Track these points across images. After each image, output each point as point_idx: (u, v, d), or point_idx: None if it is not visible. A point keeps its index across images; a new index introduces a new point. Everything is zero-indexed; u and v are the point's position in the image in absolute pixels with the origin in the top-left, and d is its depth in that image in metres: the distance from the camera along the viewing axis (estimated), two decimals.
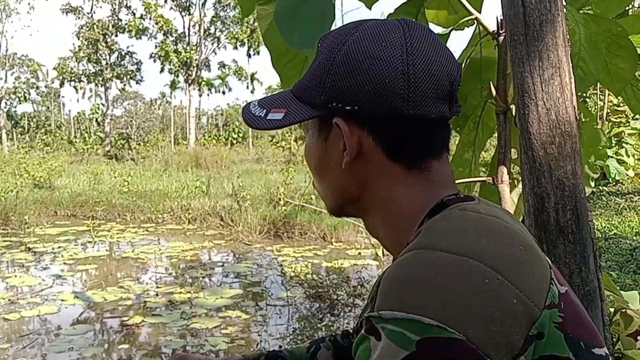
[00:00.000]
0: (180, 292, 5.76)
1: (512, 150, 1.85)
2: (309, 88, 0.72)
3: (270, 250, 7.93)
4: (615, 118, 10.85)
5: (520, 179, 2.05)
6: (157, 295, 5.68)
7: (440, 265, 0.60)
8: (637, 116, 10.69)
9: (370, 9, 2.06)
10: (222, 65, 44.44)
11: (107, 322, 4.90)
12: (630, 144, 10.61)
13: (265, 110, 0.74)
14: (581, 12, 1.82)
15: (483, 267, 0.59)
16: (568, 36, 1.48)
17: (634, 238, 6.82)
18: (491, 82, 1.76)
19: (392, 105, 0.68)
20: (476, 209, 0.73)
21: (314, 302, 5.08)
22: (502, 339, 0.57)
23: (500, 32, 1.79)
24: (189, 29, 38.86)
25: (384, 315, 0.58)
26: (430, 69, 0.69)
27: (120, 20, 37.76)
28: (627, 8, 2.13)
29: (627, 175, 10.89)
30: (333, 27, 1.63)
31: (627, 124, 10.58)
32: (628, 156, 10.41)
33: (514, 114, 2.08)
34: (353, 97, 0.69)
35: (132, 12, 38.46)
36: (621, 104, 10.49)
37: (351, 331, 1.11)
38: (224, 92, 58.31)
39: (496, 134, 1.86)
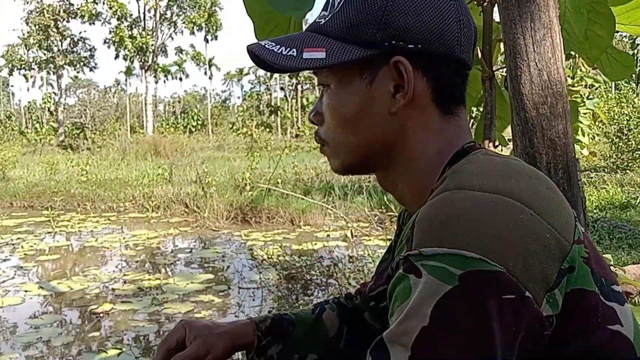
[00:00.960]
0: (149, 279, 5.66)
1: None
2: (356, 26, 0.68)
3: (238, 235, 7.87)
4: (571, 98, 11.18)
5: (503, 144, 2.08)
6: (125, 282, 5.57)
7: (475, 202, 0.60)
8: (592, 96, 11.05)
9: None
10: (179, 50, 43.52)
11: (75, 311, 4.77)
12: (585, 124, 10.98)
13: (294, 50, 0.69)
14: None
15: (516, 203, 0.60)
16: None
17: (594, 211, 7.10)
18: (478, 48, 1.77)
19: (448, 46, 0.69)
20: (497, 154, 0.75)
21: (287, 284, 5.08)
22: (538, 272, 0.58)
23: None
24: (144, 13, 37.83)
25: (424, 252, 0.58)
26: (469, 17, 0.71)
27: (72, 4, 36.40)
28: None
29: (582, 154, 11.29)
30: None
31: (582, 104, 10.92)
32: (583, 135, 10.77)
33: (497, 80, 2.09)
34: (416, 35, 0.67)
35: None
36: (576, 84, 10.83)
37: (352, 293, 1.10)
38: (181, 79, 57.14)
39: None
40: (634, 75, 24.04)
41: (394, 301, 0.61)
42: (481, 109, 1.96)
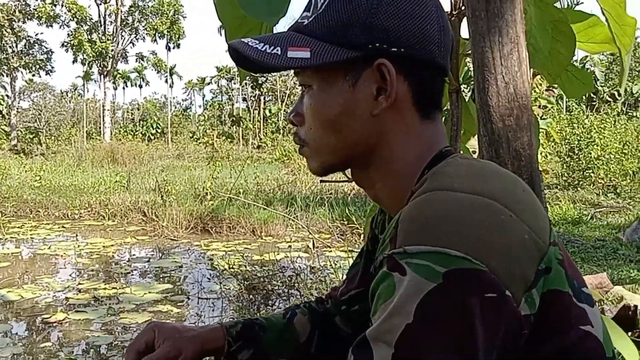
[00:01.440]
0: (104, 288, 5.49)
1: None
2: (340, 27, 0.69)
3: (198, 245, 7.75)
4: None
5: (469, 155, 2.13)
6: (79, 291, 5.38)
7: (458, 203, 0.61)
8: (545, 116, 11.46)
9: None
10: (140, 57, 42.79)
11: (27, 321, 4.57)
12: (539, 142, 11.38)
13: (278, 48, 0.69)
14: None
15: (496, 204, 0.62)
16: (524, 14, 1.56)
17: None
18: None
19: (430, 51, 0.70)
20: (474, 158, 0.77)
21: (248, 294, 5.02)
22: (518, 272, 0.60)
23: (454, 12, 1.85)
24: (104, 17, 37.07)
25: (409, 250, 0.59)
26: (448, 25, 0.73)
27: (29, 5, 35.32)
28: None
29: None
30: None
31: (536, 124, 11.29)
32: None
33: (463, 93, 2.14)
34: (399, 39, 0.68)
35: None
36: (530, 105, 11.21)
37: (323, 298, 1.11)
38: (140, 86, 56.17)
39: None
40: (584, 97, 25.06)
41: (377, 299, 0.61)
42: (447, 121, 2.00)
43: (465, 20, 2.01)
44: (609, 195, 10.29)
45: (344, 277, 1.08)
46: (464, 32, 1.70)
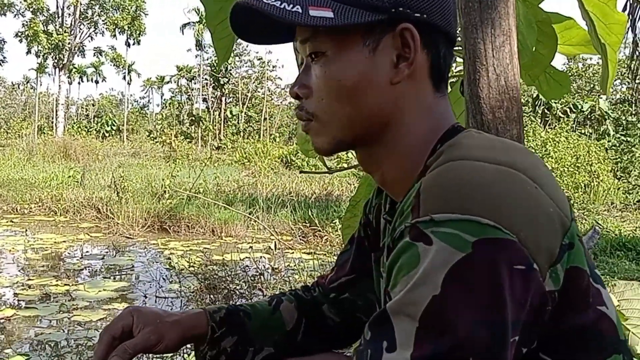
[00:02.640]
0: (56, 285, 5.26)
1: None
2: None
3: (155, 243, 7.54)
4: None
5: None
6: (29, 287, 5.14)
7: (484, 171, 0.58)
8: None
9: None
10: (98, 51, 41.67)
11: None
12: None
13: (298, 7, 0.65)
14: None
15: (521, 175, 0.59)
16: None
17: None
18: None
19: (447, 20, 0.68)
20: (488, 134, 0.75)
21: (208, 294, 4.90)
22: (545, 245, 0.57)
23: None
24: (62, 9, 35.94)
25: (437, 218, 0.55)
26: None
27: None
28: None
29: None
30: None
31: None
32: None
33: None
34: (422, 4, 0.66)
35: None
36: None
37: (310, 286, 1.06)
38: (97, 82, 54.68)
39: None
40: (539, 112, 25.93)
41: (397, 271, 0.57)
42: None
43: None
44: None
45: (316, 275, 1.03)
46: None
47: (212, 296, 4.85)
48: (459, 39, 1.72)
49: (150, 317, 0.86)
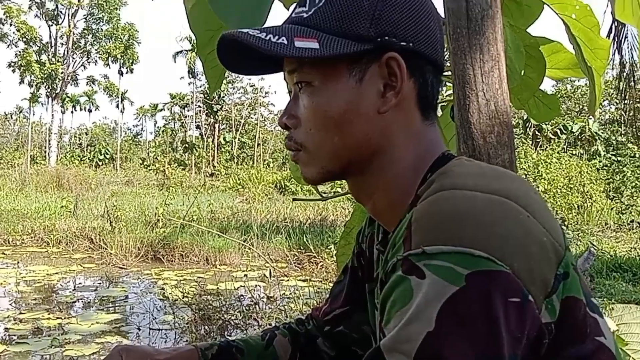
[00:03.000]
0: (48, 318, 5.18)
1: None
2: (347, 19, 0.64)
3: (148, 273, 7.46)
4: None
5: None
6: (20, 322, 5.05)
7: (475, 201, 0.58)
8: None
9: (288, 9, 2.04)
10: (91, 80, 41.85)
11: None
12: None
13: (283, 38, 0.64)
14: None
15: (513, 204, 0.58)
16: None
17: None
18: None
19: (434, 48, 0.68)
20: (478, 161, 0.74)
21: (203, 325, 4.83)
22: (539, 275, 0.56)
23: None
24: (55, 39, 36.20)
25: (428, 250, 0.54)
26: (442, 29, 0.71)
27: None
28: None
29: None
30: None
31: None
32: None
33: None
34: (408, 33, 0.65)
35: None
36: None
37: (304, 318, 1.04)
38: (90, 110, 54.85)
39: None
40: (530, 134, 26.17)
41: (390, 306, 0.56)
42: None
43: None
44: None
45: (312, 303, 1.01)
46: None
47: (206, 327, 4.78)
48: (448, 64, 1.74)
49: (140, 356, 0.83)
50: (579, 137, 26.89)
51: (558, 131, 26.48)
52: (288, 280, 6.64)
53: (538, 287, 0.54)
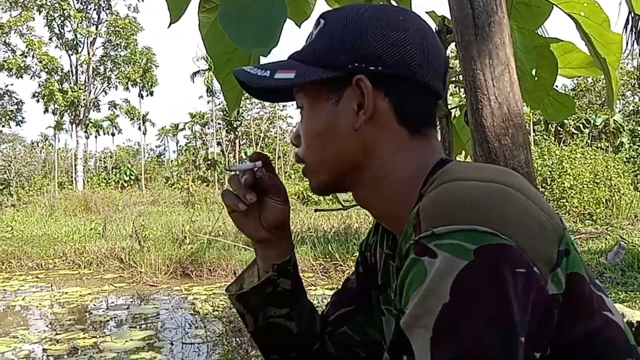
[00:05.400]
0: (83, 338, 5.30)
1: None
2: (324, 52, 0.75)
3: (178, 289, 7.58)
4: None
5: None
6: (57, 342, 5.18)
7: (476, 188, 0.64)
8: None
9: (299, 27, 2.10)
10: (112, 105, 42.68)
11: None
12: None
13: (268, 72, 0.77)
14: None
15: (511, 190, 0.63)
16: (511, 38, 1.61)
17: None
18: None
19: (411, 70, 0.74)
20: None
21: (234, 337, 4.89)
22: (542, 251, 0.60)
23: (441, 37, 1.91)
24: (76, 67, 37.06)
25: (437, 231, 0.60)
26: (437, 49, 0.77)
27: None
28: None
29: None
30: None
31: None
32: None
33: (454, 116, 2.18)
34: (377, 60, 0.73)
35: (12, 49, 36.00)
36: None
37: None
38: (113, 134, 55.91)
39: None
40: (552, 130, 25.82)
41: (407, 287, 0.61)
42: None
43: (450, 46, 2.08)
44: (586, 222, 10.48)
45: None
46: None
47: (237, 339, 4.85)
48: (458, 69, 1.77)
49: None
50: (603, 130, 26.41)
51: (580, 125, 26.07)
52: (315, 289, 6.67)
53: (542, 261, 0.59)
